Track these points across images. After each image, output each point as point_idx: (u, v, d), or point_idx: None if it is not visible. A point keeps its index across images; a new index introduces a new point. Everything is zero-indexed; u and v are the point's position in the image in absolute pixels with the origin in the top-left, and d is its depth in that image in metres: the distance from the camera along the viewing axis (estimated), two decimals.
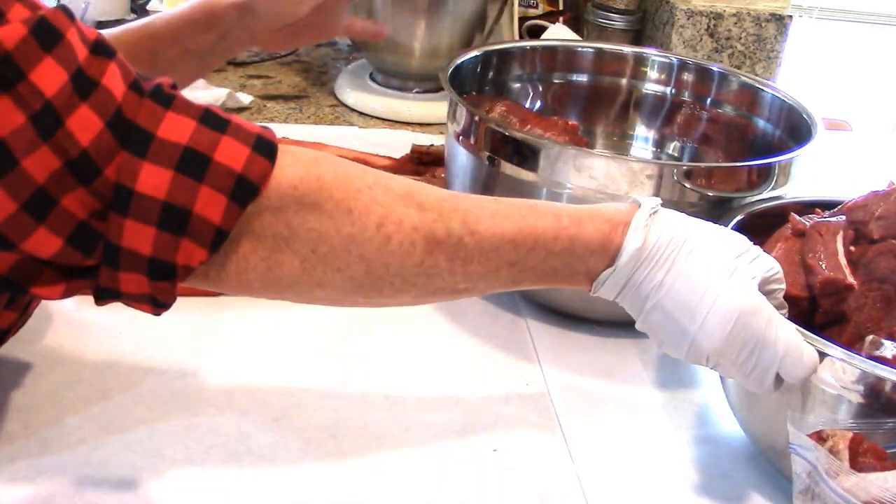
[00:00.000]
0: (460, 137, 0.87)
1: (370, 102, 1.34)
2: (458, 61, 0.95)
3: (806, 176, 0.86)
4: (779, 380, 0.61)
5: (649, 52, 1.08)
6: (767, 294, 0.62)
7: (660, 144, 1.08)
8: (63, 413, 0.70)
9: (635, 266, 0.60)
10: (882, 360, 0.62)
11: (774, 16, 1.48)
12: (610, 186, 0.78)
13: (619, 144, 1.09)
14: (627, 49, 1.09)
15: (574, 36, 1.52)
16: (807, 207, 0.79)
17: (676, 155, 1.07)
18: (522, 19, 1.57)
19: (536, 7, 1.66)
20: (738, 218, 0.76)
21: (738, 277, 0.60)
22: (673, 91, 1.06)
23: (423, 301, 0.63)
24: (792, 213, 0.76)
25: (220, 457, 0.68)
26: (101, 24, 1.46)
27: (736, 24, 1.48)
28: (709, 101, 1.04)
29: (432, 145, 1.10)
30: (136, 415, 0.71)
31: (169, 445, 0.69)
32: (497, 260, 0.60)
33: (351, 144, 1.12)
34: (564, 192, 0.79)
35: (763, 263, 0.62)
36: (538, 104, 1.08)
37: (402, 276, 0.58)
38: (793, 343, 0.60)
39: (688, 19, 1.48)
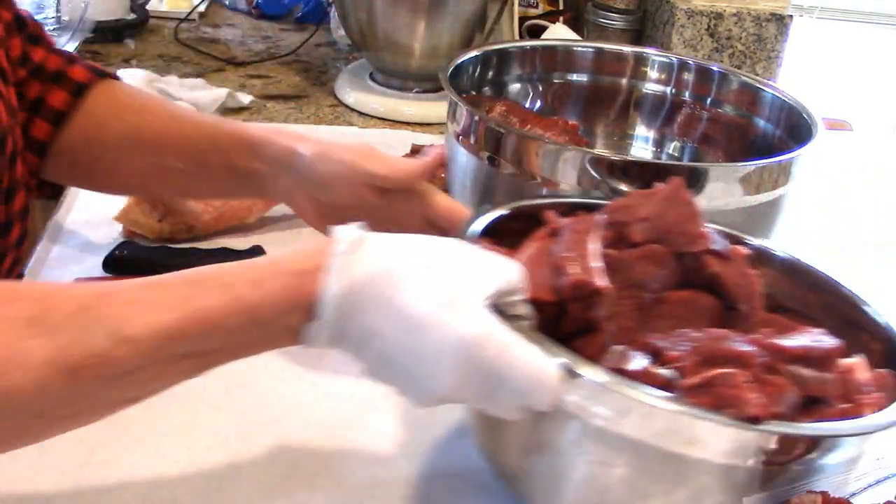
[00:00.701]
0: (460, 137, 0.87)
1: (370, 102, 1.34)
2: (458, 61, 0.95)
3: (806, 176, 0.86)
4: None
5: (649, 51, 1.08)
6: (509, 306, 0.54)
7: (660, 144, 1.08)
8: None
9: (343, 313, 0.52)
10: (625, 374, 0.55)
11: (775, 15, 1.48)
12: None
13: (620, 144, 1.09)
14: (627, 49, 1.09)
15: (574, 36, 1.52)
16: (573, 209, 0.71)
17: (677, 155, 1.06)
18: (522, 19, 1.57)
19: (536, 7, 1.67)
20: (499, 214, 0.69)
21: (459, 304, 0.51)
22: (673, 91, 1.06)
23: (88, 422, 0.54)
24: (548, 211, 0.68)
25: (220, 457, 0.68)
26: (101, 24, 1.46)
27: (736, 23, 1.48)
28: (709, 100, 1.04)
29: (432, 145, 1.09)
30: (136, 415, 0.71)
31: (169, 445, 0.69)
32: (166, 359, 0.51)
33: None
34: (564, 192, 0.79)
35: (498, 275, 0.54)
36: (538, 104, 1.08)
37: (44, 416, 0.50)
38: (535, 367, 0.52)
39: (688, 19, 1.48)
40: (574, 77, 1.08)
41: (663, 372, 0.55)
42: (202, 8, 1.68)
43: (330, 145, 0.79)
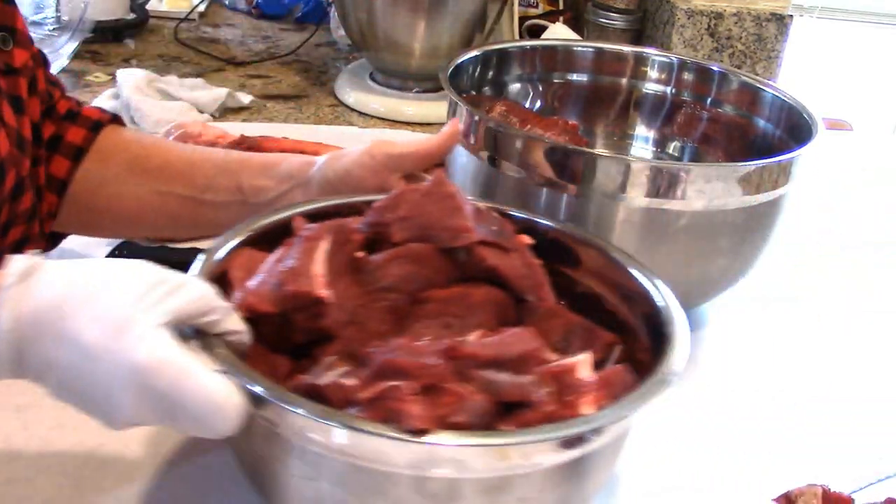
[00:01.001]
0: (460, 137, 0.87)
1: (370, 102, 1.35)
2: (458, 61, 0.95)
3: (806, 176, 0.86)
4: None
5: (649, 51, 1.08)
6: (207, 326, 0.53)
7: (660, 144, 1.08)
8: (63, 413, 0.70)
9: (17, 348, 0.51)
10: (315, 389, 0.54)
11: (775, 15, 1.48)
12: (610, 186, 0.78)
13: (620, 144, 1.09)
14: (627, 49, 1.09)
15: (574, 35, 1.52)
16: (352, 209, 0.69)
17: (677, 155, 1.06)
18: (522, 19, 1.57)
19: (536, 6, 1.67)
20: (273, 219, 0.67)
21: (132, 331, 0.50)
22: (673, 91, 1.06)
23: None
24: (297, 217, 0.66)
25: (220, 457, 0.68)
26: (101, 24, 1.46)
27: (736, 23, 1.48)
28: (709, 100, 1.04)
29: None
30: None
31: (168, 446, 0.69)
32: None
33: (351, 144, 1.11)
34: (564, 192, 0.79)
35: (176, 296, 0.52)
36: (538, 104, 1.07)
37: None
38: (212, 393, 0.50)
39: (688, 19, 1.48)
40: (574, 77, 1.08)
41: (352, 384, 0.53)
42: (202, 8, 1.68)
43: (341, 149, 0.78)
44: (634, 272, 0.67)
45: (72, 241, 0.90)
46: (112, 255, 0.88)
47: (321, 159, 0.77)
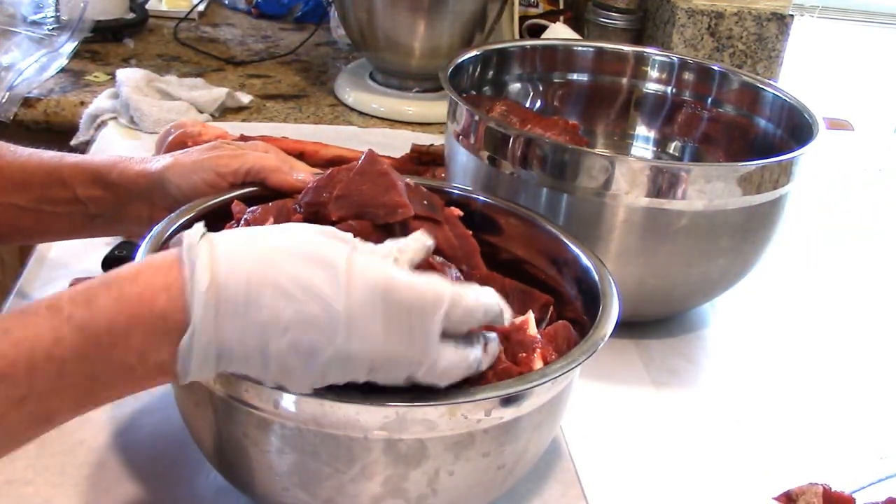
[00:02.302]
0: (460, 137, 0.87)
1: (370, 102, 1.34)
2: (458, 61, 0.95)
3: (807, 176, 0.86)
4: None
5: (650, 51, 1.08)
6: None
7: (661, 144, 1.08)
8: None
9: (215, 313, 0.47)
10: None
11: (776, 15, 1.48)
12: (610, 186, 0.78)
13: (620, 144, 1.09)
14: (628, 48, 1.09)
15: (574, 35, 1.52)
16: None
17: (677, 155, 1.06)
18: (523, 18, 1.57)
19: (537, 6, 1.66)
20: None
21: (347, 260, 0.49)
22: (674, 90, 1.06)
23: None
24: (236, 201, 0.68)
25: None
26: (100, 24, 1.46)
27: (737, 23, 1.48)
28: (710, 100, 1.04)
29: (432, 145, 1.09)
30: (136, 417, 0.71)
31: (169, 447, 0.68)
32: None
33: (351, 144, 1.11)
34: (564, 192, 0.79)
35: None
36: (538, 104, 1.07)
37: None
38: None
39: (689, 18, 1.48)
40: (574, 77, 1.08)
41: None
42: (202, 7, 1.68)
43: (183, 153, 0.75)
44: (564, 239, 0.71)
45: (69, 243, 0.90)
46: (111, 254, 0.88)
47: (157, 171, 0.74)
